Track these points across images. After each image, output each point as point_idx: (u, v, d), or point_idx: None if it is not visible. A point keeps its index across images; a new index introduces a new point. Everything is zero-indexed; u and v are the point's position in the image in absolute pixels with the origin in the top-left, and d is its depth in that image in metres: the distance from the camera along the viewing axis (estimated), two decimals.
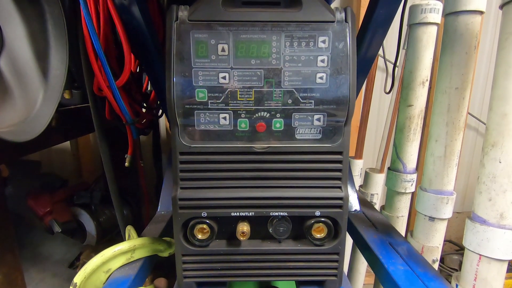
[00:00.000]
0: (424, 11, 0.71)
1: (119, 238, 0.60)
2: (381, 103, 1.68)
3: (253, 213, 0.43)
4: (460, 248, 1.81)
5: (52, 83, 0.53)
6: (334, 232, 0.44)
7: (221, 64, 0.38)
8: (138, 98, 0.76)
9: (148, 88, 0.89)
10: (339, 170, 0.42)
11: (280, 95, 0.39)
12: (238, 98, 0.39)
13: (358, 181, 1.09)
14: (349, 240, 0.85)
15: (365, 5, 1.31)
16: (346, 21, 0.39)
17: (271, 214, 0.43)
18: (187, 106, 0.39)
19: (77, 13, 0.55)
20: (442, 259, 1.72)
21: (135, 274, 0.47)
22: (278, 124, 0.40)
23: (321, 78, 0.39)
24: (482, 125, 1.73)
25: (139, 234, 0.58)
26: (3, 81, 0.46)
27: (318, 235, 0.43)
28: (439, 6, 0.70)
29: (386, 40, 0.64)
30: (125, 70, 0.58)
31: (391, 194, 0.84)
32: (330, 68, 0.39)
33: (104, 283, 0.47)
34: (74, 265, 0.98)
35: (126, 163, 0.74)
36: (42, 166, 1.27)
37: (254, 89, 0.39)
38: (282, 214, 0.43)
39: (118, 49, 0.62)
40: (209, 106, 0.39)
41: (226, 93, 0.39)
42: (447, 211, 0.67)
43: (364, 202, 0.77)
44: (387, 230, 0.62)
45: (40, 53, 0.51)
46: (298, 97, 0.40)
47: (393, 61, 0.88)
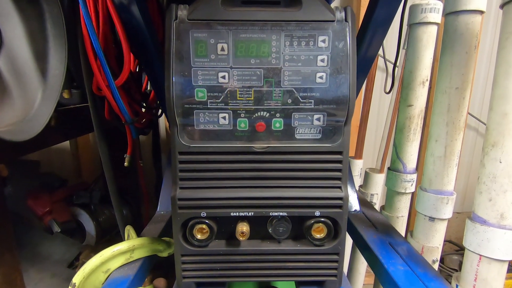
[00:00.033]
0: (424, 11, 0.71)
1: (119, 238, 0.60)
2: (381, 103, 1.68)
3: (252, 213, 0.43)
4: (460, 248, 1.80)
5: (51, 83, 0.53)
6: (334, 232, 0.44)
7: (220, 63, 0.38)
8: (137, 98, 0.75)
9: (147, 87, 0.89)
10: (339, 170, 0.42)
11: (279, 95, 0.39)
12: (238, 98, 0.39)
13: (358, 181, 1.09)
14: (349, 240, 0.85)
15: (365, 4, 1.31)
16: (346, 20, 0.38)
17: (271, 214, 0.43)
18: (187, 106, 0.39)
19: (76, 12, 0.55)
20: (442, 259, 1.72)
21: (134, 274, 0.47)
22: (278, 124, 0.40)
23: (321, 77, 0.39)
24: (482, 125, 1.73)
25: (139, 234, 0.58)
26: (2, 80, 0.46)
27: (318, 235, 0.43)
28: (439, 5, 0.70)
29: (386, 40, 0.63)
30: (124, 70, 0.58)
31: (391, 194, 0.84)
32: (330, 67, 0.39)
33: (103, 283, 0.47)
34: (73, 265, 0.98)
35: (126, 163, 0.74)
36: (41, 166, 1.27)
37: (253, 88, 0.39)
38: (281, 214, 0.43)
39: (118, 48, 0.62)
40: (208, 106, 0.39)
41: (225, 92, 0.39)
42: (447, 211, 0.67)
43: (364, 202, 0.77)
44: (387, 230, 0.62)
45: (39, 52, 0.51)
46: (298, 96, 0.39)
47: (393, 61, 0.87)
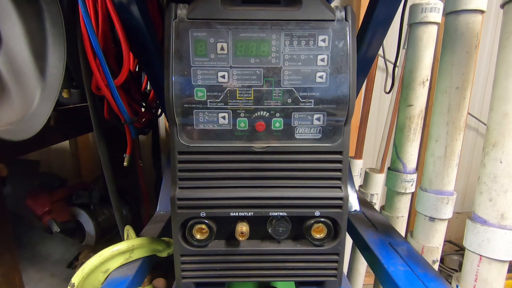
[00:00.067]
0: (424, 10, 0.71)
1: (118, 238, 0.59)
2: (381, 103, 1.67)
3: (252, 213, 0.42)
4: (460, 248, 1.80)
5: (49, 82, 0.52)
6: (334, 232, 0.43)
7: (220, 63, 0.38)
8: (137, 97, 0.75)
9: (147, 87, 0.89)
10: (339, 170, 0.42)
11: (279, 94, 0.39)
12: (237, 97, 0.39)
13: (358, 181, 1.09)
14: (348, 240, 0.85)
15: (365, 4, 1.31)
16: (346, 19, 0.38)
17: (271, 214, 0.43)
18: (186, 105, 0.39)
19: (75, 11, 0.55)
20: (442, 260, 1.72)
21: (134, 274, 0.47)
22: (278, 123, 0.40)
23: (321, 77, 0.39)
24: (482, 125, 1.73)
25: (138, 234, 0.58)
26: (0, 79, 0.46)
27: (318, 236, 0.43)
28: (440, 5, 0.70)
29: (386, 39, 0.63)
30: (123, 69, 0.58)
31: (391, 194, 0.84)
32: (330, 67, 0.39)
33: (102, 283, 0.47)
34: (73, 265, 0.98)
35: (125, 163, 0.74)
36: (41, 166, 1.27)
37: (253, 88, 0.39)
38: (281, 214, 0.43)
39: (117, 48, 0.62)
40: (208, 105, 0.39)
41: (225, 92, 0.39)
42: (447, 212, 0.66)
43: (364, 202, 0.76)
44: (387, 230, 0.62)
45: (37, 51, 0.51)
46: (298, 96, 0.39)
47: (393, 60, 0.87)
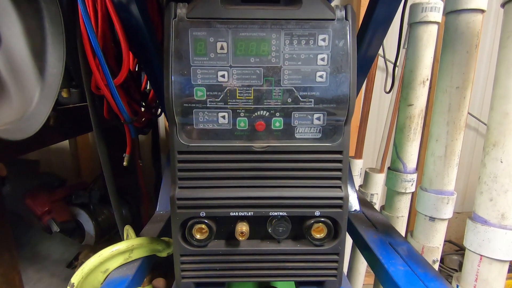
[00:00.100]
0: (424, 10, 0.71)
1: (118, 238, 0.59)
2: (381, 103, 1.67)
3: (252, 213, 0.42)
4: (460, 248, 1.80)
5: (49, 81, 0.52)
6: (334, 232, 0.43)
7: (220, 62, 0.38)
8: (136, 97, 0.75)
9: (147, 87, 0.88)
10: (339, 170, 0.42)
11: (279, 94, 0.39)
12: (237, 97, 0.39)
13: (358, 181, 1.09)
14: (348, 240, 0.85)
15: (365, 4, 1.31)
16: (347, 19, 0.38)
17: (271, 214, 0.43)
18: (186, 105, 0.39)
19: (74, 10, 0.55)
20: (441, 260, 1.72)
21: (133, 274, 0.47)
22: (278, 123, 0.40)
23: (321, 76, 0.39)
24: (482, 125, 1.73)
25: (138, 234, 0.57)
26: None
27: (318, 235, 0.43)
28: (440, 4, 0.70)
29: (386, 39, 0.63)
30: (123, 69, 0.57)
31: (391, 194, 0.84)
32: (330, 66, 0.38)
33: (101, 283, 0.46)
34: (72, 264, 0.98)
35: (125, 163, 0.74)
36: (40, 165, 1.26)
37: (253, 87, 0.39)
38: (281, 214, 0.43)
39: (117, 47, 0.61)
40: (207, 105, 0.39)
41: (225, 91, 0.39)
42: (448, 211, 0.66)
43: (364, 202, 0.76)
44: (387, 230, 0.61)
45: (36, 50, 0.51)
46: (298, 95, 0.39)
47: (393, 60, 0.87)
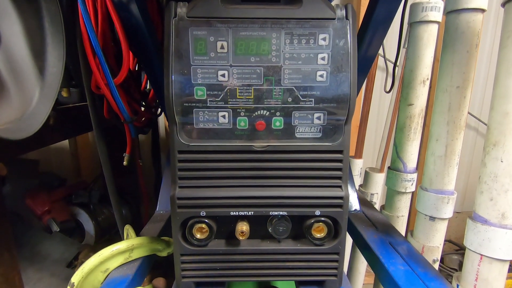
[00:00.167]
0: (425, 9, 0.71)
1: (118, 238, 0.59)
2: (381, 103, 1.67)
3: (252, 212, 0.42)
4: (460, 248, 1.80)
5: (48, 81, 0.52)
6: (334, 231, 0.43)
7: (220, 61, 0.38)
8: (136, 97, 0.75)
9: (147, 86, 0.88)
10: (339, 169, 0.42)
11: (280, 93, 0.39)
12: (238, 96, 0.39)
13: (358, 180, 1.09)
14: (348, 239, 0.85)
15: (365, 3, 1.31)
16: (347, 18, 0.38)
17: (271, 213, 0.43)
18: (186, 104, 0.39)
19: (74, 10, 0.55)
20: (441, 259, 1.72)
21: (133, 274, 0.47)
22: (278, 122, 0.40)
23: (321, 76, 0.39)
24: (482, 125, 1.73)
25: (138, 234, 0.57)
26: None
27: (318, 235, 0.43)
28: (440, 4, 0.70)
29: (386, 38, 0.63)
30: (123, 68, 0.57)
31: (391, 193, 0.84)
32: (331, 66, 0.38)
33: (102, 283, 0.46)
34: (72, 264, 0.98)
35: (125, 162, 0.74)
36: (40, 165, 1.26)
37: (253, 87, 0.39)
38: (281, 213, 0.43)
39: (116, 47, 0.61)
40: (208, 104, 0.39)
41: (225, 91, 0.39)
42: (448, 211, 0.66)
43: (364, 201, 0.76)
44: (387, 229, 0.61)
45: (36, 50, 0.51)
46: (298, 95, 0.39)
47: (393, 60, 0.87)
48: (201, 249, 0.43)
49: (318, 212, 0.42)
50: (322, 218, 0.43)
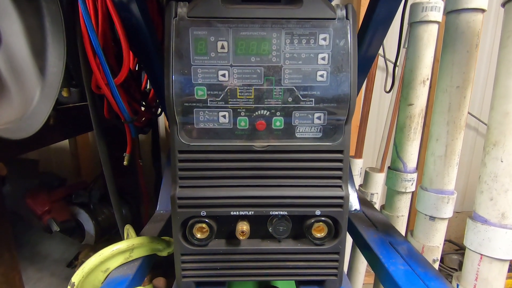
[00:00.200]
0: (425, 9, 0.71)
1: (118, 237, 0.59)
2: (381, 103, 1.67)
3: (252, 212, 0.42)
4: (459, 248, 1.81)
5: (49, 80, 0.52)
6: (334, 231, 0.43)
7: (220, 61, 0.38)
8: (137, 96, 0.75)
9: (147, 86, 0.88)
10: (340, 169, 0.42)
11: (280, 93, 0.39)
12: (238, 96, 0.39)
13: (358, 180, 1.09)
14: (348, 239, 0.85)
15: (365, 3, 1.31)
16: (347, 18, 0.38)
17: (271, 213, 0.43)
18: (186, 104, 0.39)
19: (75, 9, 0.55)
20: (441, 259, 1.72)
21: (134, 273, 0.47)
22: (278, 122, 0.40)
23: (321, 76, 0.39)
24: (482, 124, 1.73)
25: (138, 234, 0.57)
26: (0, 77, 0.45)
27: (318, 235, 0.43)
28: (440, 4, 0.70)
29: (386, 38, 0.63)
30: (123, 68, 0.57)
31: (391, 193, 0.84)
32: (331, 65, 0.38)
33: (102, 283, 0.46)
34: (73, 264, 0.98)
35: (125, 162, 0.74)
36: (40, 165, 1.26)
37: (254, 86, 0.39)
38: (282, 213, 0.43)
39: (117, 46, 0.61)
40: (208, 104, 0.39)
41: (225, 90, 0.39)
42: (448, 211, 0.66)
43: (364, 201, 0.76)
44: (387, 229, 0.61)
45: (37, 50, 0.51)
46: (299, 95, 0.39)
47: (393, 60, 0.87)
48: (201, 248, 0.43)
49: (318, 212, 0.42)
50: (322, 218, 0.43)
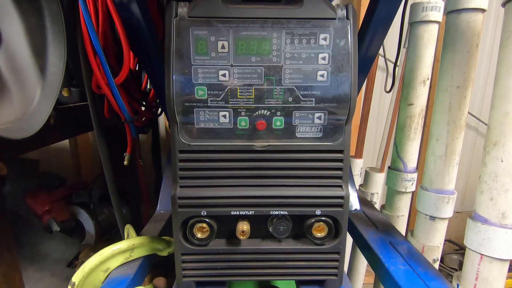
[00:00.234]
0: (425, 9, 0.71)
1: (118, 237, 0.59)
2: (381, 102, 1.67)
3: (253, 212, 0.42)
4: (459, 247, 1.81)
5: (49, 80, 0.52)
6: (335, 231, 0.43)
7: (221, 61, 0.38)
8: (137, 96, 0.75)
9: (147, 86, 0.88)
10: (340, 169, 0.42)
11: (280, 93, 0.39)
12: (238, 96, 0.39)
13: (358, 180, 1.09)
14: (349, 239, 0.85)
15: (365, 3, 1.31)
16: (348, 18, 0.38)
17: (271, 213, 0.43)
18: (187, 104, 0.39)
19: (75, 9, 0.55)
20: (441, 259, 1.72)
21: (134, 273, 0.47)
22: (279, 122, 0.40)
23: (322, 75, 0.39)
24: (482, 124, 1.73)
25: (138, 233, 0.57)
26: (0, 77, 0.45)
27: (319, 234, 0.43)
28: (441, 4, 0.70)
29: (386, 38, 0.63)
30: (123, 68, 0.57)
31: (392, 193, 0.84)
32: (331, 65, 0.38)
33: (102, 282, 0.46)
34: (73, 264, 0.98)
35: (125, 162, 0.74)
36: (40, 165, 1.26)
37: (254, 86, 0.39)
38: (282, 213, 0.43)
39: (117, 46, 0.61)
40: (208, 104, 0.39)
41: (226, 90, 0.39)
42: (448, 211, 0.66)
43: (364, 201, 0.76)
44: (388, 229, 0.61)
45: (37, 49, 0.51)
46: (299, 95, 0.39)
47: (393, 60, 0.87)
48: (201, 248, 0.43)
49: (318, 211, 0.42)
50: (323, 218, 0.43)
